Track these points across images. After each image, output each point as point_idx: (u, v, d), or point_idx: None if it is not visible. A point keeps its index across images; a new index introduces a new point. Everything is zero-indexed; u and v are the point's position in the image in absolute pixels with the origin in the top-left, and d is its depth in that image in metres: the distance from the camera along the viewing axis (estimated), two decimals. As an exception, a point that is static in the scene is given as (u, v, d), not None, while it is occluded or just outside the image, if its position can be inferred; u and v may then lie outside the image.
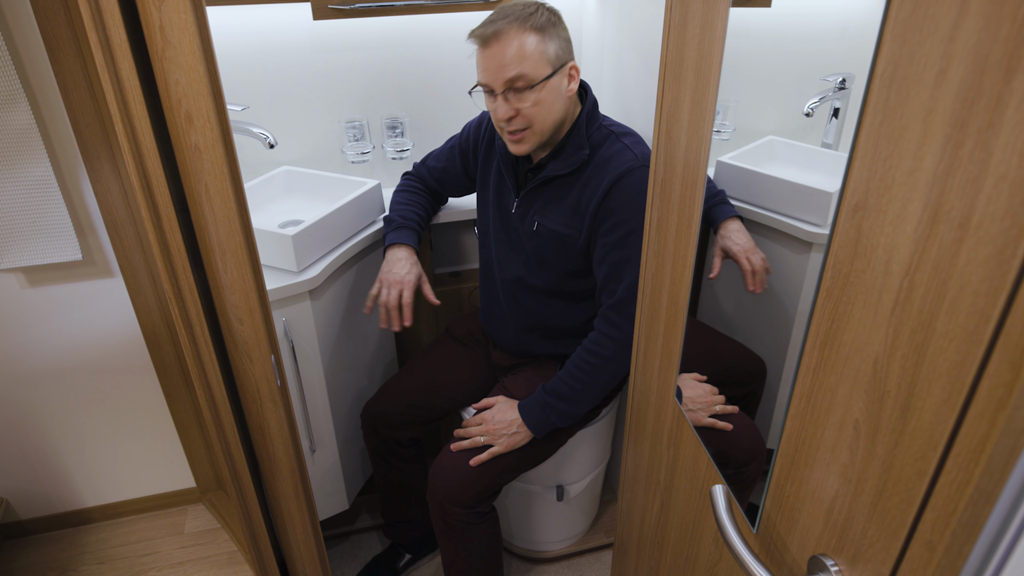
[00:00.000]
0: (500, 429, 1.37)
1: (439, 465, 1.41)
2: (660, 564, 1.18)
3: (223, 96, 0.90)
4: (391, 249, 1.48)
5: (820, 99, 0.75)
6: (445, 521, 1.41)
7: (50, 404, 1.66)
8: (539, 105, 1.23)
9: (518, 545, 1.84)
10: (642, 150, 1.27)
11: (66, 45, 1.30)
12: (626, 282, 1.27)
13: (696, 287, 0.95)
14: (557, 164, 1.30)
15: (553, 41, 1.21)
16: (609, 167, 1.25)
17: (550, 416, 1.35)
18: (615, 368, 1.32)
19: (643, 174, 1.23)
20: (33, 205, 1.40)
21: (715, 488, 0.77)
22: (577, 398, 1.34)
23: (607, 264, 1.28)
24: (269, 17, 1.57)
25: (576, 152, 1.28)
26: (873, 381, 0.54)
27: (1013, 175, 0.39)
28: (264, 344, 1.09)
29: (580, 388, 1.34)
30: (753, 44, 0.78)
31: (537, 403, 1.36)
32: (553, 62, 1.22)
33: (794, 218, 0.85)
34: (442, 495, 1.39)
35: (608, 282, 1.29)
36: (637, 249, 1.25)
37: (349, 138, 1.75)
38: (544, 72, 1.21)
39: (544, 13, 1.21)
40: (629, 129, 1.33)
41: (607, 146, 1.28)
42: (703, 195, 0.85)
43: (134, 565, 1.74)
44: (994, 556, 0.44)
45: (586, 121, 1.29)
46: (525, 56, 1.19)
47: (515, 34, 1.19)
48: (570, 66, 1.25)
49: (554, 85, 1.23)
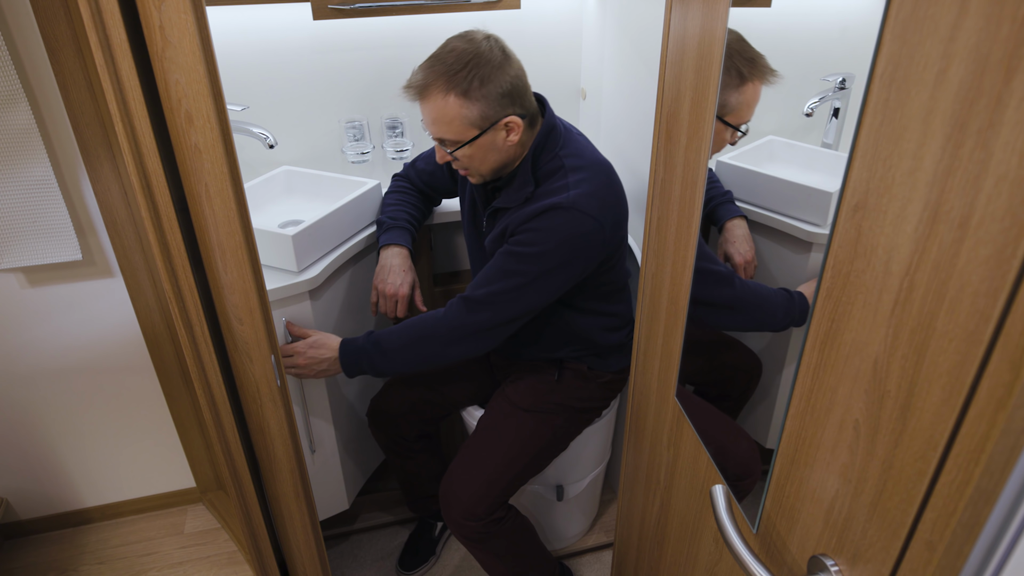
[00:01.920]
0: (312, 365, 1.35)
1: (448, 484, 1.41)
2: (660, 564, 1.19)
3: (223, 96, 0.90)
4: (384, 251, 1.48)
5: (820, 99, 0.75)
6: (465, 536, 1.41)
7: (50, 404, 1.66)
8: (471, 158, 1.23)
9: (518, 545, 1.85)
10: (580, 192, 1.20)
11: (66, 45, 1.30)
12: (489, 289, 1.24)
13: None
14: (506, 196, 1.29)
15: (478, 104, 1.15)
16: (542, 203, 1.22)
17: (362, 362, 1.33)
18: (435, 347, 1.29)
19: (565, 215, 1.18)
20: (33, 205, 1.40)
21: (715, 488, 0.77)
22: (394, 357, 1.31)
23: (494, 262, 1.25)
24: (269, 17, 1.57)
25: (521, 188, 1.25)
26: (873, 381, 0.54)
27: (1013, 175, 0.39)
28: (264, 344, 1.09)
29: (399, 348, 1.31)
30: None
31: (359, 346, 1.34)
32: (479, 124, 1.18)
33: (794, 218, 0.85)
34: (456, 513, 1.38)
35: (483, 275, 1.26)
36: (521, 274, 1.22)
37: (349, 138, 1.75)
38: (468, 135, 1.19)
39: (471, 71, 1.14)
40: (589, 161, 1.26)
41: (552, 181, 1.24)
42: (703, 195, 0.85)
43: (134, 565, 1.74)
44: (994, 556, 0.44)
45: (534, 156, 1.25)
46: (446, 121, 1.18)
47: (438, 95, 1.16)
48: (504, 122, 1.19)
49: (483, 143, 1.20)
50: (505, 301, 1.24)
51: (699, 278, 0.92)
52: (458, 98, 1.15)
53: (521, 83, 1.19)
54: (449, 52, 1.16)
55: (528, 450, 1.41)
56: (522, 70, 1.21)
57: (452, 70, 1.14)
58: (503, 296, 1.24)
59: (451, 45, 1.17)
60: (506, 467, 1.39)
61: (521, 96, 1.20)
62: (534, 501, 1.70)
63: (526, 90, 1.21)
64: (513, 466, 1.40)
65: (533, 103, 1.25)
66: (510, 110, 1.18)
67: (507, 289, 1.23)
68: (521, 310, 1.26)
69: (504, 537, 1.43)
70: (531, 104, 1.23)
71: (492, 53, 1.15)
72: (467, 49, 1.15)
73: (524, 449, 1.41)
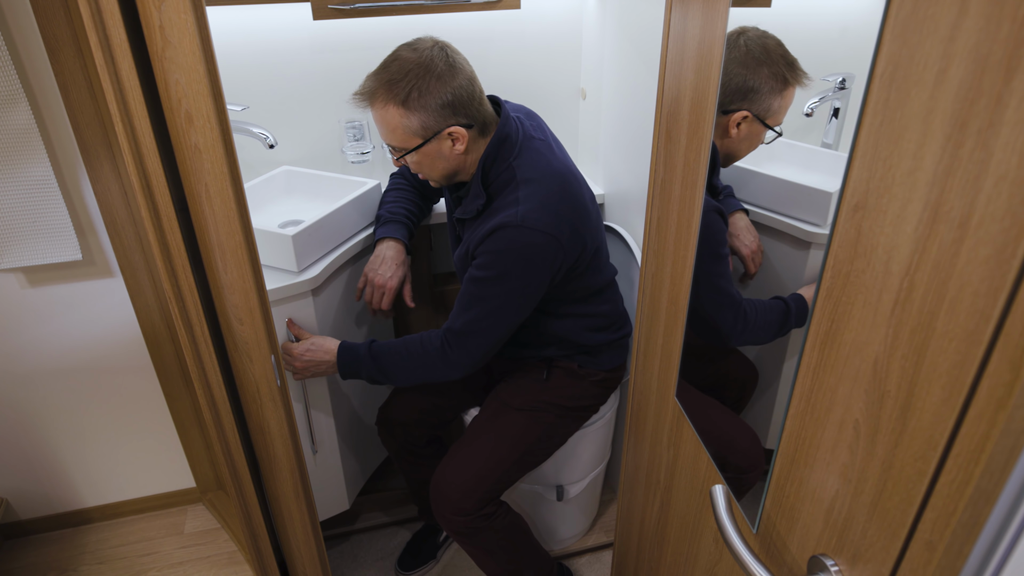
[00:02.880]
0: (310, 367, 1.39)
1: (437, 480, 1.42)
2: (660, 564, 1.19)
3: (223, 96, 0.90)
4: (379, 243, 1.49)
5: (820, 99, 0.75)
6: (454, 531, 1.42)
7: (50, 404, 1.66)
8: (419, 164, 1.25)
9: (518, 545, 1.85)
10: (529, 206, 1.20)
11: (66, 45, 1.30)
12: (467, 318, 1.27)
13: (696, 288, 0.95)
14: (464, 207, 1.31)
15: (416, 114, 1.16)
16: (494, 219, 1.23)
17: (361, 371, 1.37)
18: (430, 372, 1.34)
19: (515, 233, 1.19)
20: (33, 205, 1.40)
21: (715, 488, 0.77)
22: (391, 372, 1.35)
23: (464, 289, 1.28)
24: (269, 17, 1.57)
25: (474, 200, 1.27)
26: (873, 381, 0.54)
27: (1013, 175, 0.39)
28: (264, 344, 1.09)
29: (397, 367, 1.35)
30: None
31: (357, 355, 1.37)
32: (420, 134, 1.19)
33: (794, 218, 0.85)
34: (445, 508, 1.39)
35: (459, 304, 1.29)
36: (490, 298, 1.24)
37: (349, 138, 1.75)
38: (412, 143, 1.20)
39: (411, 82, 1.14)
40: (542, 171, 1.25)
41: (505, 194, 1.24)
42: (703, 195, 0.85)
43: (134, 565, 1.74)
44: (994, 556, 0.44)
45: (485, 167, 1.25)
46: (389, 129, 1.20)
47: (380, 104, 1.18)
48: (447, 132, 1.19)
49: (429, 151, 1.22)
50: (485, 326, 1.27)
51: (714, 297, 0.93)
52: (397, 108, 1.16)
53: (465, 92, 1.18)
54: (394, 61, 1.17)
55: (518, 447, 1.42)
56: (470, 79, 1.20)
57: (394, 79, 1.15)
58: (481, 322, 1.27)
59: (397, 54, 1.18)
60: (496, 463, 1.40)
61: (466, 105, 1.19)
62: (534, 501, 1.70)
63: (472, 99, 1.20)
64: (503, 463, 1.40)
65: (484, 111, 1.23)
66: (452, 120, 1.19)
67: (483, 315, 1.26)
68: (503, 330, 1.29)
69: (494, 532, 1.43)
70: (480, 112, 1.22)
71: (434, 63, 1.15)
72: (409, 58, 1.16)
73: (514, 446, 1.41)
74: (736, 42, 0.80)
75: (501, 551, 1.47)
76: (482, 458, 1.40)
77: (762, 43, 0.79)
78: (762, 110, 0.83)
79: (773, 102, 0.82)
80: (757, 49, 0.80)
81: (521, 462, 1.43)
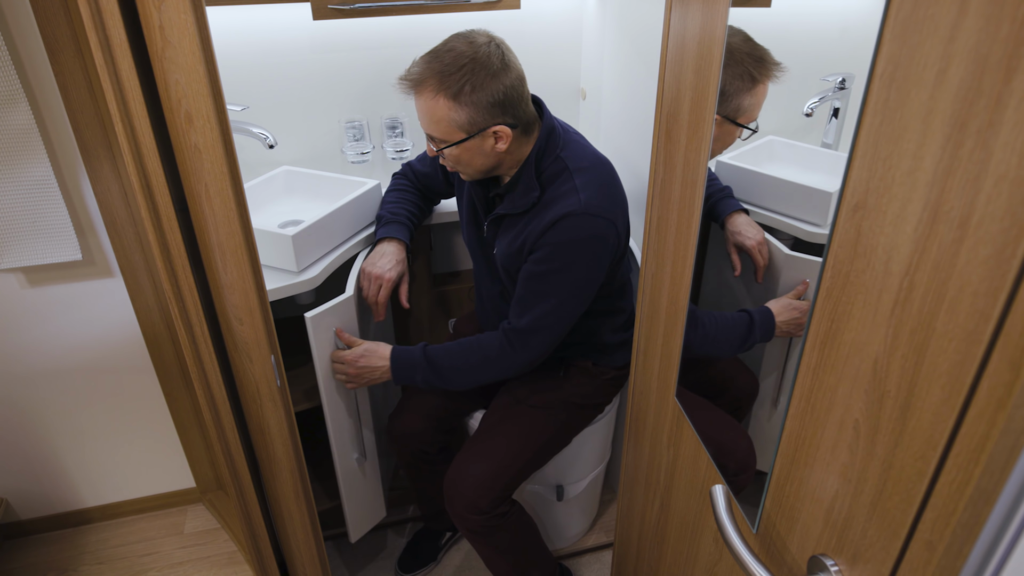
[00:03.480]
0: (364, 374, 1.37)
1: (452, 478, 1.41)
2: (660, 564, 1.19)
3: (223, 96, 0.90)
4: (379, 243, 1.49)
5: (820, 99, 0.75)
6: (469, 529, 1.41)
7: (50, 404, 1.66)
8: (458, 159, 1.23)
9: (518, 545, 1.84)
10: (590, 194, 1.20)
11: (66, 45, 1.30)
12: (532, 315, 1.26)
13: (695, 287, 0.95)
14: (511, 202, 1.28)
15: (465, 109, 1.14)
16: (552, 209, 1.22)
17: (416, 376, 1.35)
18: (491, 373, 1.33)
19: (581, 221, 1.19)
20: (33, 205, 1.40)
21: (715, 488, 0.77)
22: (449, 376, 1.34)
23: (525, 287, 1.27)
24: (269, 17, 1.57)
25: (527, 193, 1.25)
26: (873, 381, 0.54)
27: (1013, 175, 0.39)
28: (264, 344, 1.09)
29: (455, 372, 1.33)
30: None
31: (412, 361, 1.35)
32: (466, 128, 1.17)
33: (794, 218, 0.85)
34: (460, 506, 1.38)
35: (520, 303, 1.28)
36: (556, 287, 1.23)
37: (349, 138, 1.75)
38: (456, 137, 1.18)
39: (464, 76, 1.12)
40: (591, 159, 1.27)
41: (558, 184, 1.23)
42: (703, 195, 0.85)
43: (134, 565, 1.74)
44: (994, 556, 0.44)
45: (536, 160, 1.24)
46: (434, 120, 1.17)
47: (429, 94, 1.15)
48: (492, 130, 1.17)
49: (471, 146, 1.20)
50: (550, 322, 1.26)
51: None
52: (447, 100, 1.14)
53: (516, 92, 1.17)
54: (448, 51, 1.15)
55: (532, 445, 1.42)
56: (520, 78, 1.19)
57: (447, 71, 1.13)
58: (547, 318, 1.26)
59: (451, 44, 1.16)
60: (511, 461, 1.39)
61: (514, 105, 1.18)
62: (534, 501, 1.70)
63: (521, 99, 1.19)
64: (517, 460, 1.40)
65: (528, 111, 1.22)
66: (500, 119, 1.17)
67: (548, 310, 1.25)
68: (566, 324, 1.28)
69: (508, 531, 1.43)
70: (525, 113, 1.21)
71: (490, 59, 1.14)
72: (465, 52, 1.13)
73: (528, 444, 1.41)
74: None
75: (512, 551, 1.47)
76: (497, 457, 1.39)
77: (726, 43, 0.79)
78: (731, 110, 0.82)
79: (743, 101, 0.81)
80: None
81: (535, 460, 1.43)
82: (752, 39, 0.77)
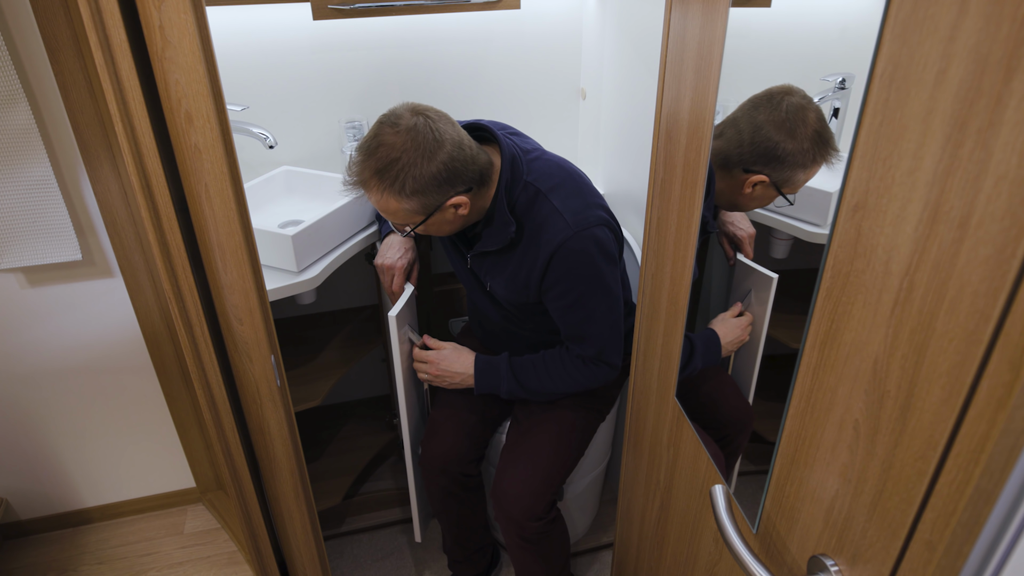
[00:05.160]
0: (445, 376, 1.39)
1: (502, 486, 1.39)
2: (660, 564, 1.19)
3: (223, 96, 0.90)
4: (385, 239, 1.49)
5: (820, 99, 0.75)
6: (522, 536, 1.40)
7: (50, 404, 1.66)
8: (427, 230, 1.24)
9: (518, 545, 1.84)
10: (572, 209, 1.20)
11: (66, 45, 1.30)
12: (593, 338, 1.29)
13: (696, 288, 0.95)
14: (488, 239, 1.26)
15: (415, 198, 1.13)
16: (542, 240, 1.21)
17: (501, 386, 1.37)
18: (574, 386, 1.35)
19: (579, 241, 1.19)
20: (33, 205, 1.40)
21: (715, 488, 0.77)
22: (533, 388, 1.36)
23: (566, 324, 1.29)
24: (269, 17, 1.57)
25: (504, 228, 1.23)
26: (873, 381, 0.54)
27: (1013, 175, 0.39)
28: (264, 344, 1.09)
29: (540, 383, 1.36)
30: (753, 44, 0.78)
31: (497, 370, 1.37)
32: (421, 212, 1.16)
33: (794, 218, 0.85)
34: (517, 513, 1.36)
35: (572, 336, 1.30)
36: (594, 305, 1.25)
37: (349, 138, 1.75)
38: (415, 220, 1.18)
39: (400, 171, 1.09)
40: (557, 174, 1.25)
41: (536, 210, 1.22)
42: (703, 195, 0.85)
43: (134, 565, 1.74)
44: (994, 556, 0.44)
45: (507, 193, 1.22)
46: (390, 213, 1.18)
47: (375, 194, 1.14)
48: (451, 203, 1.16)
49: (433, 222, 1.20)
50: (607, 332, 1.29)
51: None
52: (394, 196, 1.13)
53: (457, 162, 1.13)
54: (379, 147, 1.11)
55: (571, 444, 1.42)
56: (458, 143, 1.13)
57: (384, 169, 1.11)
58: (603, 332, 1.29)
59: (380, 137, 1.12)
60: (560, 463, 1.40)
61: (461, 173, 1.14)
62: (534, 501, 1.70)
63: (466, 163, 1.15)
64: (563, 462, 1.40)
65: (477, 164, 1.17)
66: (450, 192, 1.15)
67: (600, 326, 1.28)
68: (621, 324, 1.31)
69: (556, 539, 1.44)
70: (474, 170, 1.17)
71: (421, 140, 1.10)
72: (395, 144, 1.10)
73: (568, 443, 1.42)
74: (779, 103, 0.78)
75: (556, 556, 1.48)
76: (546, 460, 1.38)
77: (803, 115, 0.77)
78: (782, 179, 0.81)
79: (796, 175, 0.80)
80: (795, 119, 0.78)
81: (574, 460, 1.44)
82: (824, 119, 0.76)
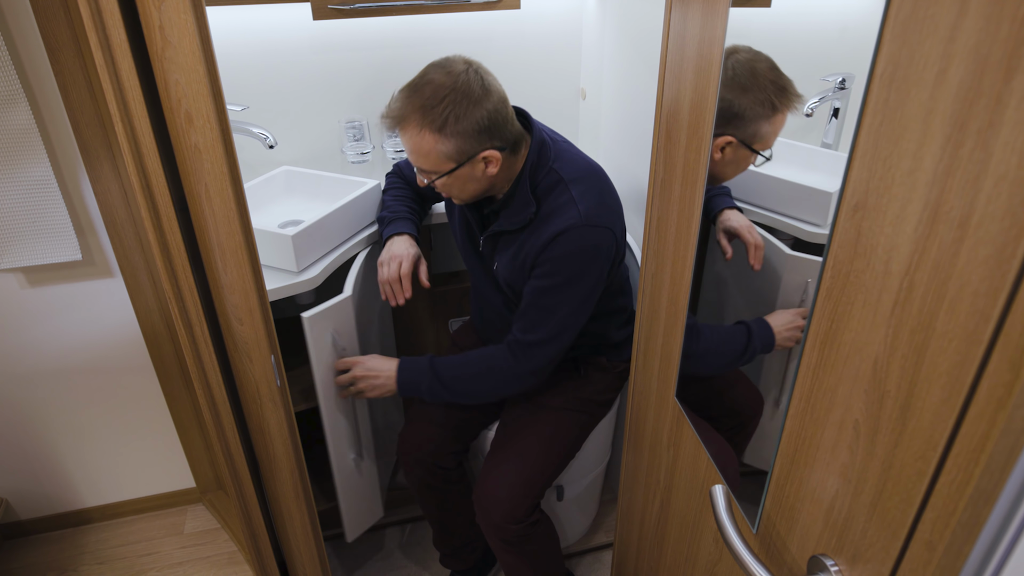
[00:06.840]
0: (369, 376, 1.37)
1: (483, 488, 1.39)
2: (660, 564, 1.19)
3: (223, 96, 0.90)
4: (387, 241, 1.48)
5: (820, 99, 0.75)
6: (503, 540, 1.39)
7: (50, 404, 1.66)
8: (450, 187, 1.22)
9: (518, 545, 1.84)
10: (588, 204, 1.20)
11: (66, 45, 1.30)
12: (538, 329, 1.26)
13: (695, 288, 0.95)
14: (507, 218, 1.26)
15: (453, 140, 1.13)
16: (551, 224, 1.21)
17: (421, 386, 1.35)
18: (500, 388, 1.33)
19: (582, 233, 1.19)
20: (33, 205, 1.40)
21: (715, 488, 0.77)
22: (453, 387, 1.33)
23: (529, 301, 1.26)
24: (269, 17, 1.57)
25: (524, 209, 1.23)
26: (873, 381, 0.54)
27: (1013, 175, 0.39)
28: (264, 344, 1.09)
29: (460, 383, 1.33)
30: (753, 44, 0.78)
31: (418, 369, 1.35)
32: (455, 158, 1.16)
33: (794, 218, 0.85)
34: (497, 516, 1.36)
35: (525, 317, 1.27)
36: (564, 299, 1.23)
37: (349, 138, 1.75)
38: (445, 167, 1.17)
39: (446, 108, 1.11)
40: (584, 169, 1.26)
41: (554, 197, 1.22)
42: (703, 195, 0.85)
43: (134, 565, 1.74)
44: (994, 556, 0.44)
45: (530, 174, 1.23)
46: (422, 154, 1.16)
47: (413, 130, 1.14)
48: (482, 156, 1.16)
49: (461, 174, 1.19)
50: (556, 333, 1.26)
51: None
52: (433, 133, 1.12)
53: (500, 116, 1.16)
54: (427, 84, 1.13)
55: (559, 448, 1.41)
56: (503, 100, 1.17)
57: (428, 104, 1.11)
58: (552, 330, 1.26)
59: (429, 76, 1.14)
60: (543, 466, 1.39)
61: (500, 128, 1.17)
62: (534, 501, 1.70)
63: (506, 120, 1.18)
64: (548, 465, 1.39)
65: (515, 130, 1.21)
66: (488, 144, 1.16)
67: (554, 324, 1.25)
68: (571, 334, 1.28)
69: (540, 540, 1.43)
70: (512, 133, 1.20)
71: (470, 87, 1.12)
72: (444, 83, 1.12)
73: (556, 446, 1.41)
74: (725, 63, 0.78)
75: (542, 559, 1.46)
76: (529, 463, 1.38)
77: (751, 67, 0.77)
78: (748, 136, 0.81)
79: (760, 127, 0.80)
80: (744, 74, 0.78)
81: (562, 462, 1.43)
82: (778, 67, 0.76)
